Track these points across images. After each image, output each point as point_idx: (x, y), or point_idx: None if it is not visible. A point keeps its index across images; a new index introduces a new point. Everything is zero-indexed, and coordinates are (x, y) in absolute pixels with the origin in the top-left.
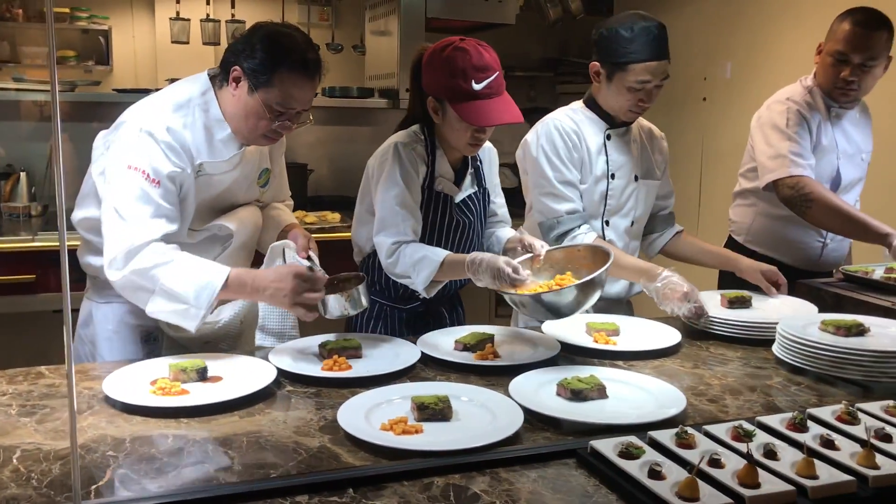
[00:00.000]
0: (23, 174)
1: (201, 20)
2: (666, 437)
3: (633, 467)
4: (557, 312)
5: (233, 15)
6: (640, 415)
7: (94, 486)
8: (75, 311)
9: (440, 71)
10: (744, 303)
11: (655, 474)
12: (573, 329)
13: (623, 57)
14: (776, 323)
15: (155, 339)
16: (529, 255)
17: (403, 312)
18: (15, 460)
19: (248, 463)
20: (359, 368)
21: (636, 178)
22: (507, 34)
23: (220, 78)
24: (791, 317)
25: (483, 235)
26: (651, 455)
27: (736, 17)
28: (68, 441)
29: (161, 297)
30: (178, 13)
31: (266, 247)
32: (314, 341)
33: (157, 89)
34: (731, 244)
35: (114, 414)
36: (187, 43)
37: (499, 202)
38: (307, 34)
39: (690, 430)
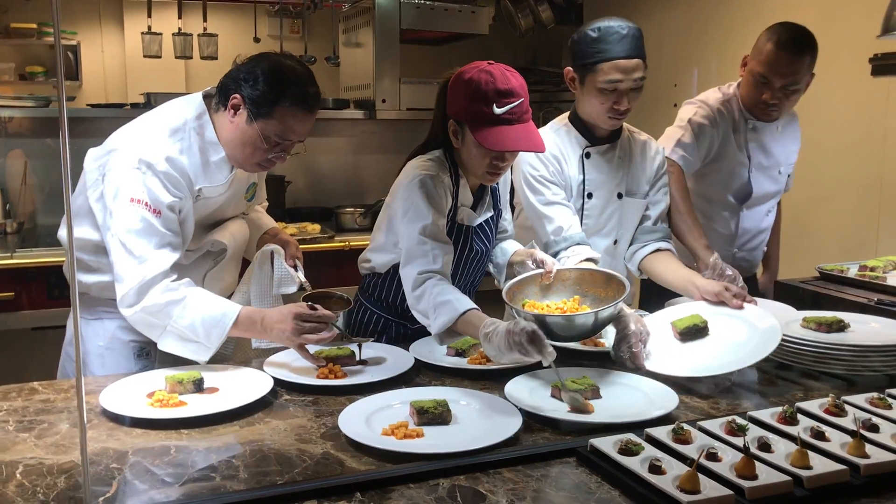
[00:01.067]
0: None
1: (173, 34)
2: (663, 433)
3: (633, 463)
4: (560, 337)
5: (205, 28)
6: (635, 413)
7: (101, 498)
8: (61, 327)
9: (462, 93)
10: (699, 332)
11: (656, 469)
12: None
13: (591, 57)
14: None
15: (148, 354)
16: (540, 270)
17: (408, 329)
18: (19, 475)
19: (254, 471)
20: (354, 376)
21: (619, 196)
22: (479, 44)
23: (216, 101)
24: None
25: (490, 256)
26: (650, 451)
27: (705, 25)
28: (70, 455)
29: (172, 337)
30: (149, 27)
31: (252, 253)
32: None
33: (131, 104)
34: None
35: (113, 427)
36: (160, 57)
37: (507, 217)
38: (308, 67)
39: (686, 426)
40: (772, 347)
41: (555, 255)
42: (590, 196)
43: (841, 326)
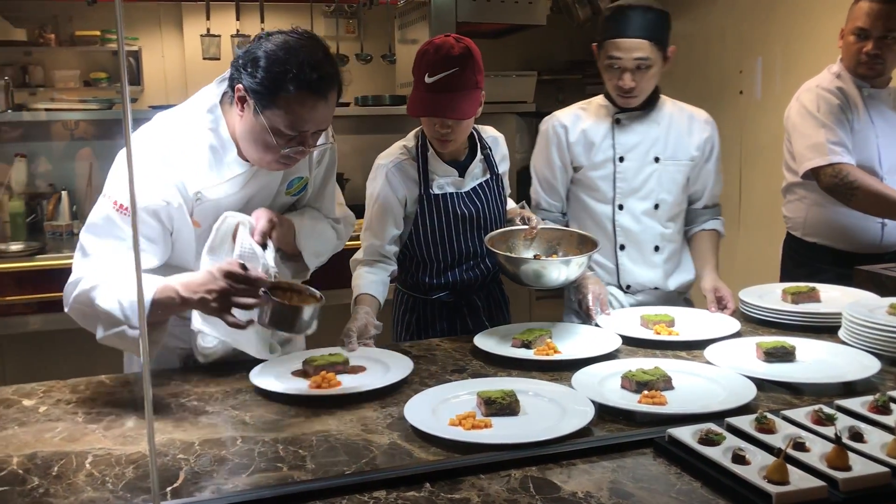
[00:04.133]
0: (64, 193)
1: (231, 35)
2: (745, 422)
3: (715, 453)
4: (535, 282)
5: (262, 29)
6: (712, 404)
7: (169, 488)
8: None
9: (414, 63)
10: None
11: (740, 459)
12: (629, 322)
13: (601, 35)
14: (838, 313)
15: (195, 363)
16: (525, 227)
17: (434, 304)
18: (88, 465)
19: (321, 461)
20: (348, 384)
21: (656, 160)
22: (536, 36)
23: (228, 95)
24: (855, 303)
25: (503, 219)
26: (732, 441)
27: (770, 8)
28: (137, 446)
29: (102, 323)
30: (208, 29)
31: (309, 251)
32: (297, 358)
33: None
34: (791, 241)
35: (180, 418)
36: (218, 59)
37: (505, 182)
38: (322, 42)
39: (770, 415)
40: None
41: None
42: (621, 159)
43: None
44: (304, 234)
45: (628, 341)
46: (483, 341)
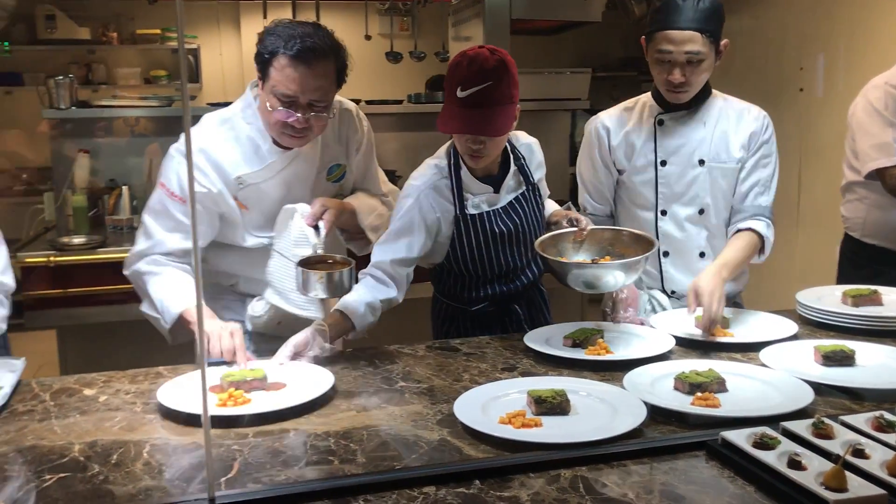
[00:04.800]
0: (125, 188)
1: None
2: (801, 427)
3: (770, 457)
4: (591, 286)
5: None
6: (767, 407)
7: (224, 479)
8: None
9: (446, 76)
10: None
11: (796, 464)
12: (683, 323)
13: (651, 26)
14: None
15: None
16: (574, 229)
17: (474, 314)
18: (146, 454)
19: (371, 456)
20: (259, 402)
21: (701, 163)
22: (591, 33)
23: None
24: None
25: (542, 229)
26: (787, 445)
27: (833, 3)
28: (193, 436)
29: (147, 303)
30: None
31: (368, 228)
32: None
33: None
34: (849, 241)
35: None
36: None
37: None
38: (323, 27)
39: (828, 421)
40: None
41: None
42: (664, 163)
43: None
44: (363, 214)
45: (682, 342)
46: (534, 340)
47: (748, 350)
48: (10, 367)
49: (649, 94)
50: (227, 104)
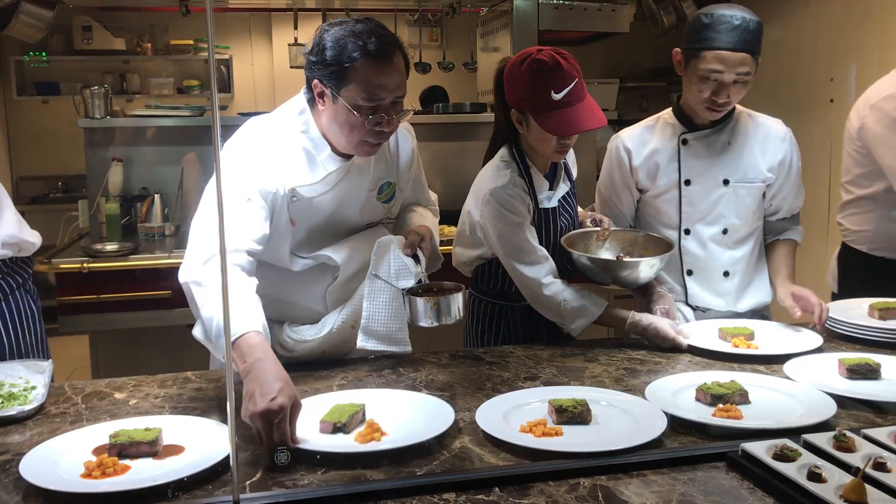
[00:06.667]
0: (157, 196)
1: None
2: (823, 440)
3: (790, 470)
4: (617, 280)
5: None
6: (789, 419)
7: (248, 482)
8: None
9: (520, 84)
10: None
11: (816, 477)
12: (707, 334)
13: (697, 42)
14: None
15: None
16: (596, 228)
17: (521, 310)
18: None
19: (393, 461)
20: (137, 472)
21: (725, 183)
22: (620, 44)
23: (309, 99)
24: None
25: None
26: (808, 458)
27: (864, 16)
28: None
29: (199, 325)
30: (295, 39)
31: (436, 243)
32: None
33: None
34: (852, 254)
35: None
36: None
37: None
38: (376, 21)
39: (849, 434)
40: None
41: None
42: (688, 183)
43: None
44: (435, 234)
45: (705, 353)
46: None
47: (772, 362)
48: (38, 369)
49: (669, 110)
50: (257, 114)
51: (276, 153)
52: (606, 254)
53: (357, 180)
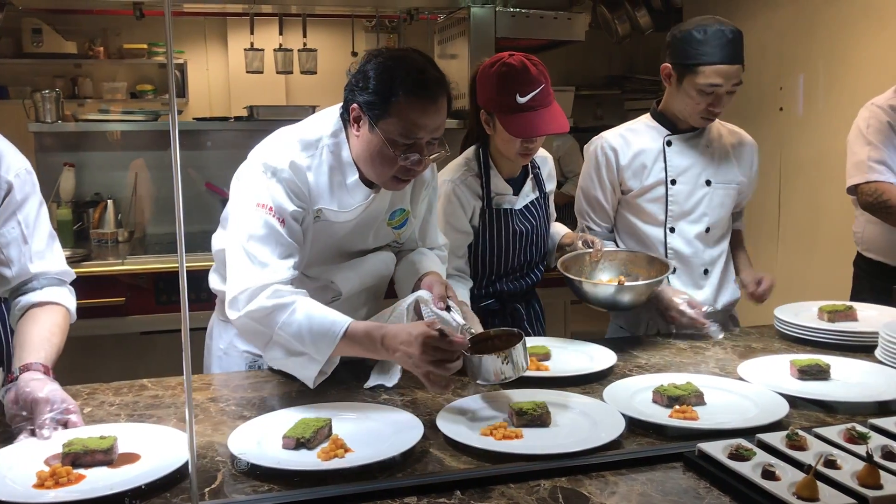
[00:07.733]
0: (110, 202)
1: (274, 50)
2: (776, 439)
3: (745, 468)
4: (612, 306)
5: (304, 44)
6: (743, 420)
7: (207, 489)
8: (169, 332)
9: (489, 85)
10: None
11: (769, 475)
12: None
13: (694, 59)
14: (875, 332)
15: (259, 368)
16: (590, 250)
17: (480, 311)
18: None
19: (354, 465)
20: (92, 482)
21: (707, 183)
22: (575, 52)
23: (345, 118)
24: (893, 322)
25: (549, 236)
26: (762, 457)
27: (812, 25)
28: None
29: (277, 348)
30: (252, 44)
31: (403, 296)
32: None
33: (235, 118)
34: (858, 258)
35: (219, 422)
36: (261, 72)
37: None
38: (425, 54)
39: (801, 433)
40: None
41: None
42: (673, 182)
43: None
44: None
45: (663, 357)
46: None
47: (727, 365)
48: None
49: (648, 115)
50: (213, 119)
51: (308, 172)
52: (599, 276)
53: (377, 206)
